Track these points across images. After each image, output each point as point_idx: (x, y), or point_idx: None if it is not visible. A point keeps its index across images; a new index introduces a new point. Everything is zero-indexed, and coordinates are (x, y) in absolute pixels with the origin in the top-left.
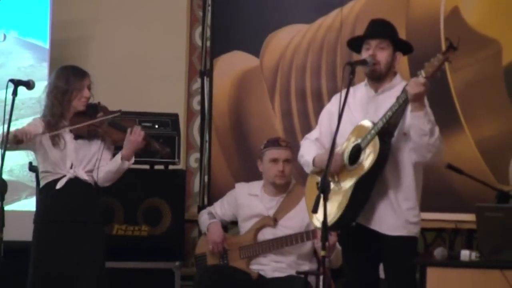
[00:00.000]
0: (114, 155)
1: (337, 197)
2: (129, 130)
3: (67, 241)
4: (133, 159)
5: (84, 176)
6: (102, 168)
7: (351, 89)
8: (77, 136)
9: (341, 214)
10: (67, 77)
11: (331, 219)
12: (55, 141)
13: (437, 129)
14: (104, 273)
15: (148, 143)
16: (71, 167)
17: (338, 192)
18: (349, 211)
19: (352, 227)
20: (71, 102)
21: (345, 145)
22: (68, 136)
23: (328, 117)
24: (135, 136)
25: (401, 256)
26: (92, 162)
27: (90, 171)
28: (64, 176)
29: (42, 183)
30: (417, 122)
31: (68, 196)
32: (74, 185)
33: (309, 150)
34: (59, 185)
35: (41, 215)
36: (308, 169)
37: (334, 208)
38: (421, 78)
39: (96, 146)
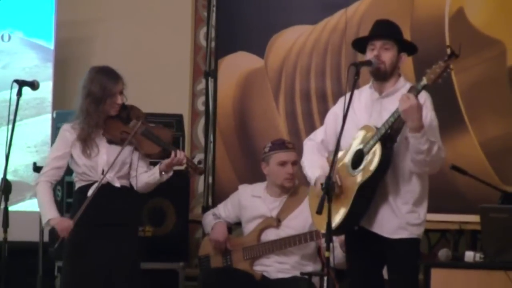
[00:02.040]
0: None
1: (340, 202)
2: (172, 154)
3: (101, 243)
4: (171, 172)
5: (115, 182)
6: (140, 178)
7: (356, 92)
8: (110, 141)
9: (344, 218)
10: (101, 82)
11: (334, 223)
12: (86, 149)
13: (435, 148)
14: (139, 275)
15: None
16: (102, 173)
17: (341, 197)
18: (352, 215)
19: (355, 230)
20: (105, 109)
21: (350, 149)
22: (100, 140)
23: (333, 118)
24: (178, 162)
25: (403, 258)
26: (125, 168)
27: (122, 176)
28: (96, 182)
29: (76, 185)
30: (414, 142)
31: (100, 202)
32: (106, 191)
33: (313, 163)
34: (90, 192)
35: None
36: (310, 182)
37: (337, 212)
38: (410, 94)
39: (127, 152)
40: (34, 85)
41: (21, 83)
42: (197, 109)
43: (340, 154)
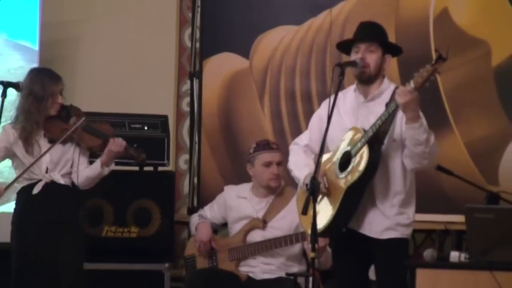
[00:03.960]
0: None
1: (327, 204)
2: (111, 140)
3: (46, 242)
4: (112, 165)
5: (60, 180)
6: (81, 173)
7: (341, 94)
8: (51, 141)
9: (331, 220)
10: (43, 82)
11: (321, 225)
12: (29, 147)
13: (432, 137)
14: (82, 274)
15: (125, 150)
16: (46, 171)
17: (328, 199)
18: (339, 217)
19: (342, 232)
20: (46, 108)
21: (338, 151)
22: (41, 140)
23: (318, 122)
24: (117, 147)
25: (392, 258)
26: (68, 166)
27: (66, 174)
28: (40, 180)
29: (18, 187)
30: (412, 133)
31: (45, 199)
32: (50, 188)
33: (298, 164)
34: (36, 190)
35: (19, 218)
36: (298, 183)
37: (324, 214)
38: (408, 86)
39: (70, 149)
40: (19, 87)
41: (6, 85)
42: (182, 110)
43: (327, 156)
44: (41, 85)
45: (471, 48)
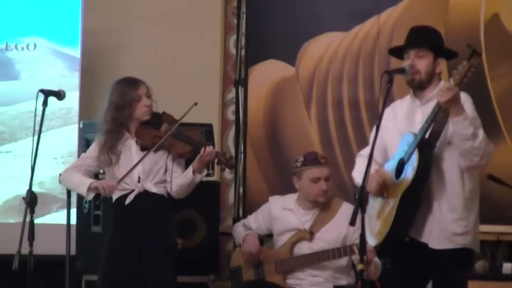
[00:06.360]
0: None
1: (385, 212)
2: (202, 149)
3: (139, 255)
4: (205, 172)
5: (152, 188)
6: (175, 182)
7: (399, 102)
8: (143, 148)
9: (390, 229)
10: (121, 90)
11: (381, 235)
12: (113, 156)
13: (481, 132)
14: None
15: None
16: (138, 181)
17: (387, 207)
18: (397, 225)
19: (405, 241)
20: (132, 114)
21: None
22: (134, 148)
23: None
24: (208, 156)
25: (448, 269)
26: (160, 174)
27: (159, 183)
28: (133, 190)
29: (113, 198)
30: (458, 127)
31: (138, 210)
32: (143, 198)
33: (361, 172)
34: (128, 201)
35: (113, 231)
36: None
37: (383, 223)
38: (447, 83)
39: (162, 157)
40: (60, 95)
41: (47, 93)
42: (227, 118)
43: (386, 164)
44: (119, 94)
45: None
